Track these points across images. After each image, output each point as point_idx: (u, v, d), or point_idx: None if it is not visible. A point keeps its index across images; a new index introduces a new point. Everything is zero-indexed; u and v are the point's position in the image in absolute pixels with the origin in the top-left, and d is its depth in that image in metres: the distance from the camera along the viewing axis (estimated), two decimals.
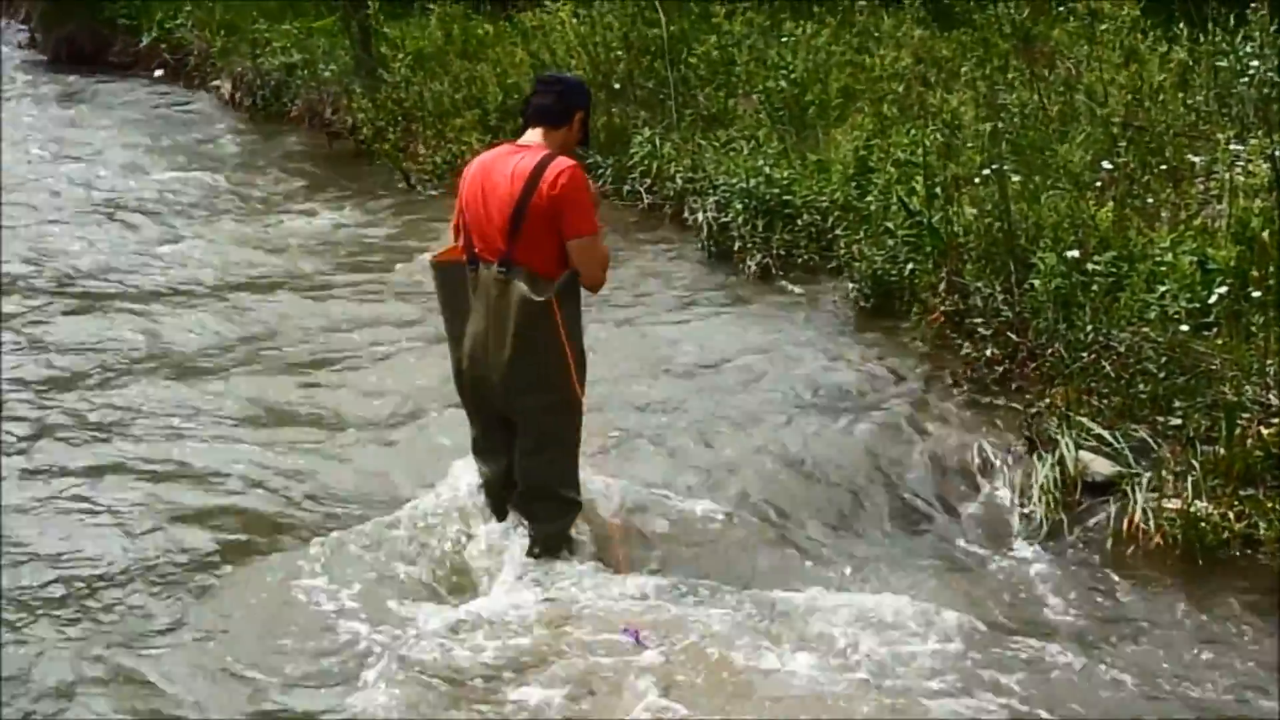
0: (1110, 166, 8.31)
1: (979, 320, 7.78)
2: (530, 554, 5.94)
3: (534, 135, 5.86)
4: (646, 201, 11.08)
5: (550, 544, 5.95)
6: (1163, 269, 7.19)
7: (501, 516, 6.10)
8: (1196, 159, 8.43)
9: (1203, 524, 6.06)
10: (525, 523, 6.02)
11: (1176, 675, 5.28)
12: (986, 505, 6.61)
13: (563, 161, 5.71)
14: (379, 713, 5.03)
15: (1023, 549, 6.29)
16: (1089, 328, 7.10)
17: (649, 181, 11.12)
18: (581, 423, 5.92)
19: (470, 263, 5.80)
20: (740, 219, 9.79)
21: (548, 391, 5.76)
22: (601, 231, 5.85)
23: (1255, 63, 9.02)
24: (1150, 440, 6.59)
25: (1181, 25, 9.91)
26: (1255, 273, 6.95)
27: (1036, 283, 7.40)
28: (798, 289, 9.26)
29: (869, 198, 9.07)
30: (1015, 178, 8.23)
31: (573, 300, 5.76)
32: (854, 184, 9.43)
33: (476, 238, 5.78)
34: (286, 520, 6.59)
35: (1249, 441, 6.33)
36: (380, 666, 5.28)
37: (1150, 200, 8.13)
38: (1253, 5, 9.41)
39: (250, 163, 14.15)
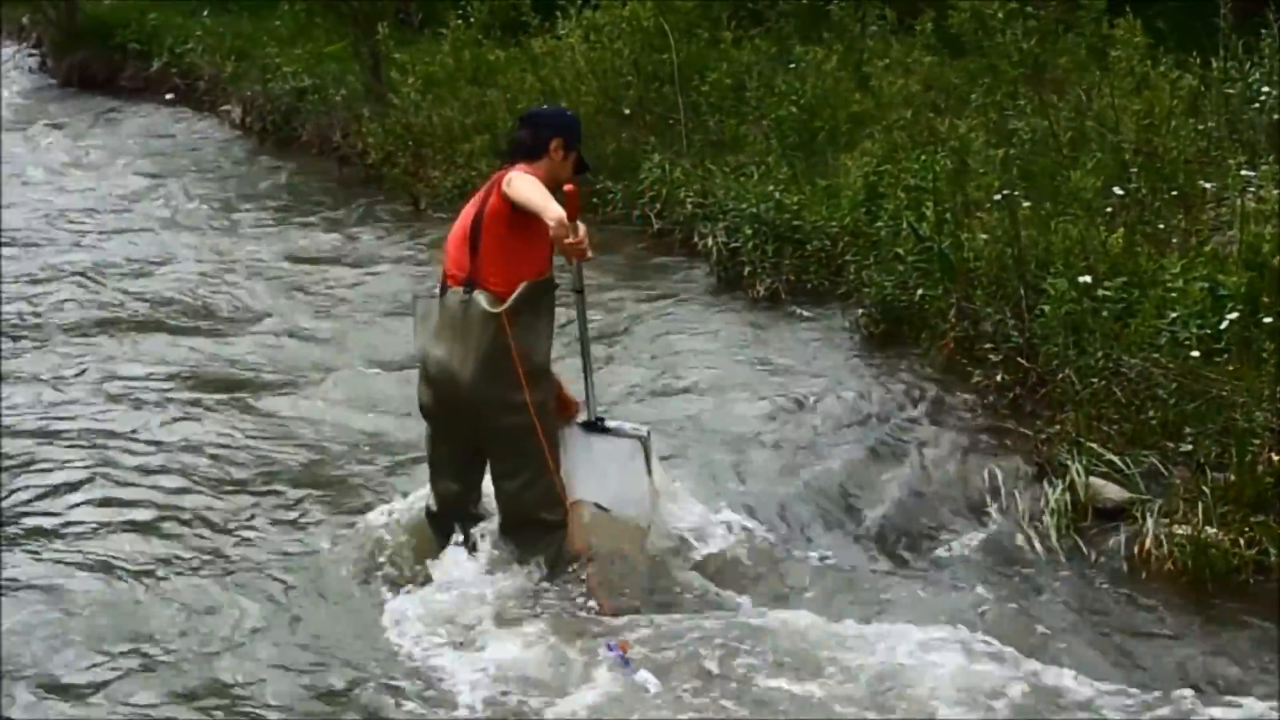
0: (1121, 193, 8.30)
1: (989, 346, 7.76)
2: (522, 579, 5.90)
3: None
4: (656, 227, 11.10)
5: (537, 569, 5.90)
6: (1173, 295, 7.17)
7: (447, 541, 6.07)
8: (1207, 185, 8.42)
9: (1213, 550, 6.04)
10: (514, 550, 5.98)
11: (1187, 701, 5.25)
12: (997, 530, 6.59)
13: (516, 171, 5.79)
14: None
15: (1033, 574, 6.26)
16: (1099, 353, 7.08)
17: (659, 207, 11.15)
18: (555, 443, 5.89)
19: (441, 291, 5.85)
20: (750, 244, 9.80)
21: (514, 411, 5.73)
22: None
23: (1266, 89, 9.03)
24: (1161, 466, 6.57)
25: (1193, 52, 9.91)
26: (1266, 299, 6.94)
27: (1047, 308, 7.38)
28: (807, 314, 9.25)
29: (879, 223, 9.08)
30: (1026, 204, 8.23)
31: (529, 315, 5.75)
32: (864, 209, 9.45)
33: (449, 262, 5.86)
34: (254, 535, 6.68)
35: (1260, 468, 6.30)
36: (366, 695, 5.30)
37: (1161, 226, 8.11)
38: (1263, 31, 9.42)
39: (259, 186, 14.19)
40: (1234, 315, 6.85)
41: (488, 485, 6.09)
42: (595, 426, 6.03)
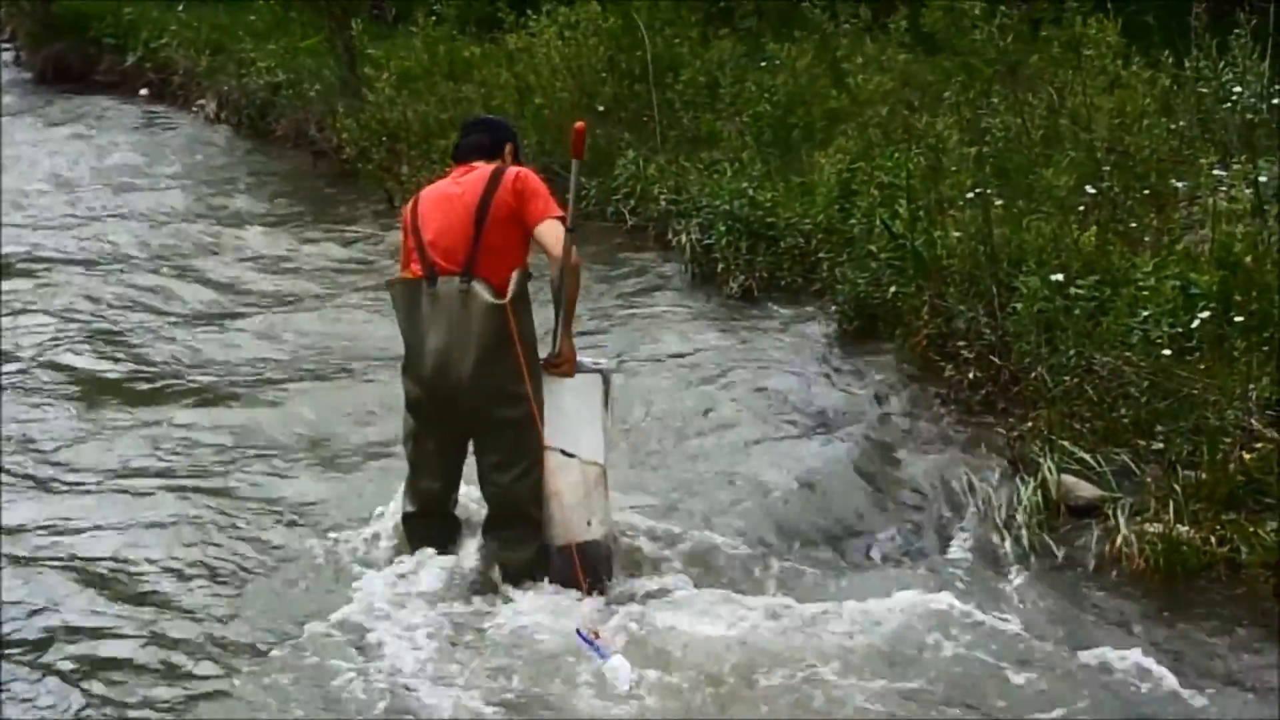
0: (1094, 191, 8.33)
1: (962, 343, 7.77)
2: (505, 579, 5.86)
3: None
4: (630, 223, 11.11)
5: (524, 569, 5.87)
6: (1145, 293, 7.19)
7: (429, 543, 6.02)
8: (1180, 184, 8.44)
9: (1184, 547, 6.05)
10: (497, 547, 5.94)
11: (1157, 697, 5.27)
12: (969, 528, 6.58)
13: (517, 167, 5.96)
14: None
15: (1005, 571, 6.26)
16: (1072, 351, 7.09)
17: (633, 203, 11.16)
18: (543, 438, 5.84)
19: (429, 280, 5.80)
20: (724, 241, 9.80)
21: (513, 402, 5.73)
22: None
23: (1237, 88, 9.06)
24: (1132, 464, 6.59)
25: (1165, 52, 9.94)
26: (1237, 297, 6.96)
27: (1019, 306, 7.40)
28: (781, 311, 9.26)
29: (852, 220, 9.09)
30: (999, 201, 8.24)
31: (525, 304, 5.81)
32: (838, 207, 9.45)
33: (437, 253, 5.81)
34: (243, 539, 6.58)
35: (1230, 465, 6.31)
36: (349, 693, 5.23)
37: (1134, 225, 8.14)
38: (1235, 31, 9.46)
39: (232, 181, 14.16)
40: (1206, 314, 6.87)
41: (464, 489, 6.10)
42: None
